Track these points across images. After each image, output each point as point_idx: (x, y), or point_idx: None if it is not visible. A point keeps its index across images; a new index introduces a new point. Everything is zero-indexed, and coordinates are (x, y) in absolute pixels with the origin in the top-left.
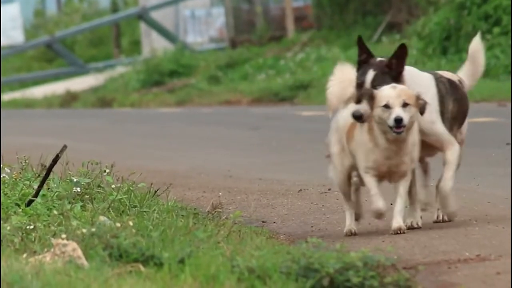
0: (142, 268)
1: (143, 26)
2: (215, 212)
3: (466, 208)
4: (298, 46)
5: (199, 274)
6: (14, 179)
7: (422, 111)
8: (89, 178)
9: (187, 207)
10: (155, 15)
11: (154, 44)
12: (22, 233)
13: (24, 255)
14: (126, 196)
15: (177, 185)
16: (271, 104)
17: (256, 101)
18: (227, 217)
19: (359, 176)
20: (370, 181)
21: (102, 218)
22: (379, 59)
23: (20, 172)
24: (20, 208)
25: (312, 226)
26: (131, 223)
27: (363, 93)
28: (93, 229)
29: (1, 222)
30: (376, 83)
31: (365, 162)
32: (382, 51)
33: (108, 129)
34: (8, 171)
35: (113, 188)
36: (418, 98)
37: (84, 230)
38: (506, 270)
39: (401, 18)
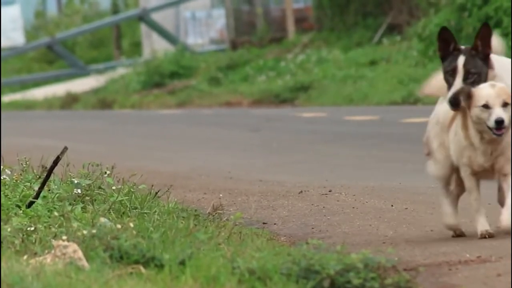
0: (142, 269)
1: (143, 27)
2: (216, 213)
3: (466, 209)
4: (298, 47)
5: (199, 276)
6: (14, 181)
7: None
8: (89, 179)
9: (187, 208)
10: (156, 16)
11: (154, 46)
12: (23, 235)
13: (25, 257)
14: (126, 197)
15: (177, 186)
16: (272, 106)
17: (257, 103)
18: (228, 218)
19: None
20: (469, 180)
21: (102, 219)
22: (464, 46)
23: (20, 174)
24: (20, 209)
25: (312, 228)
26: (131, 225)
27: (460, 91)
28: (94, 231)
29: (2, 223)
30: (467, 67)
31: (460, 158)
32: (383, 53)
33: (108, 130)
34: (9, 172)
35: (113, 190)
36: None
37: (84, 232)
38: (506, 271)
39: (402, 19)
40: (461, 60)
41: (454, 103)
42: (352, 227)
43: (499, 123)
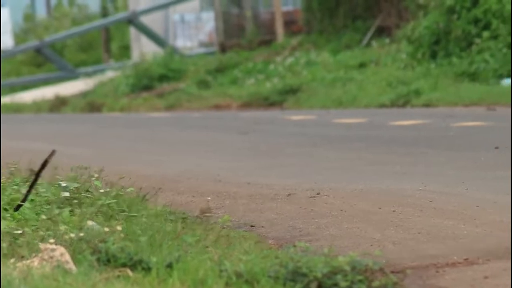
0: (130, 272)
1: (132, 30)
2: (204, 216)
3: (454, 212)
4: (287, 50)
5: (187, 279)
6: (2, 184)
7: None
8: (77, 183)
9: (175, 211)
10: (145, 19)
11: (143, 49)
12: (10, 238)
13: (12, 260)
14: (114, 200)
15: (166, 189)
16: (261, 108)
17: (246, 106)
18: (216, 221)
19: None
20: None
21: (90, 223)
22: None
23: (8, 177)
24: (8, 213)
25: (300, 231)
26: (119, 228)
27: None
28: (81, 234)
29: None
30: None
31: None
32: (372, 55)
33: (97, 133)
34: None
35: (101, 193)
36: None
37: (72, 235)
38: (493, 274)
39: (391, 22)
40: None
41: None
42: (340, 230)
43: None
